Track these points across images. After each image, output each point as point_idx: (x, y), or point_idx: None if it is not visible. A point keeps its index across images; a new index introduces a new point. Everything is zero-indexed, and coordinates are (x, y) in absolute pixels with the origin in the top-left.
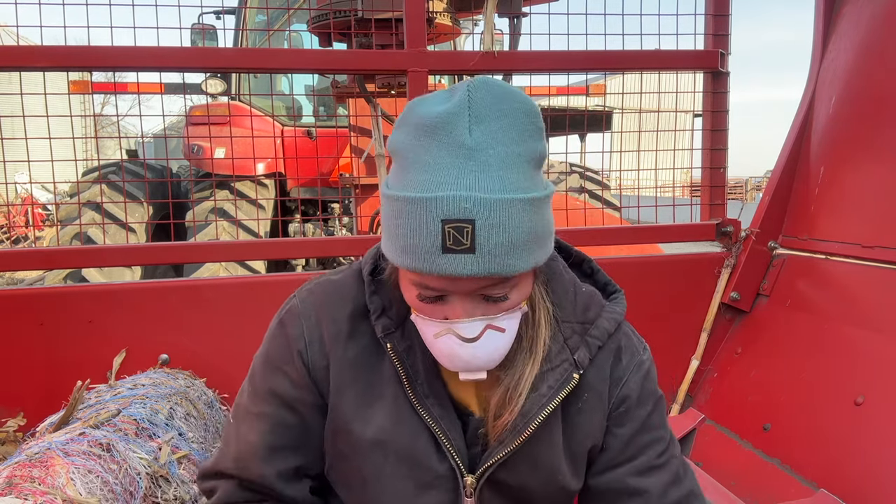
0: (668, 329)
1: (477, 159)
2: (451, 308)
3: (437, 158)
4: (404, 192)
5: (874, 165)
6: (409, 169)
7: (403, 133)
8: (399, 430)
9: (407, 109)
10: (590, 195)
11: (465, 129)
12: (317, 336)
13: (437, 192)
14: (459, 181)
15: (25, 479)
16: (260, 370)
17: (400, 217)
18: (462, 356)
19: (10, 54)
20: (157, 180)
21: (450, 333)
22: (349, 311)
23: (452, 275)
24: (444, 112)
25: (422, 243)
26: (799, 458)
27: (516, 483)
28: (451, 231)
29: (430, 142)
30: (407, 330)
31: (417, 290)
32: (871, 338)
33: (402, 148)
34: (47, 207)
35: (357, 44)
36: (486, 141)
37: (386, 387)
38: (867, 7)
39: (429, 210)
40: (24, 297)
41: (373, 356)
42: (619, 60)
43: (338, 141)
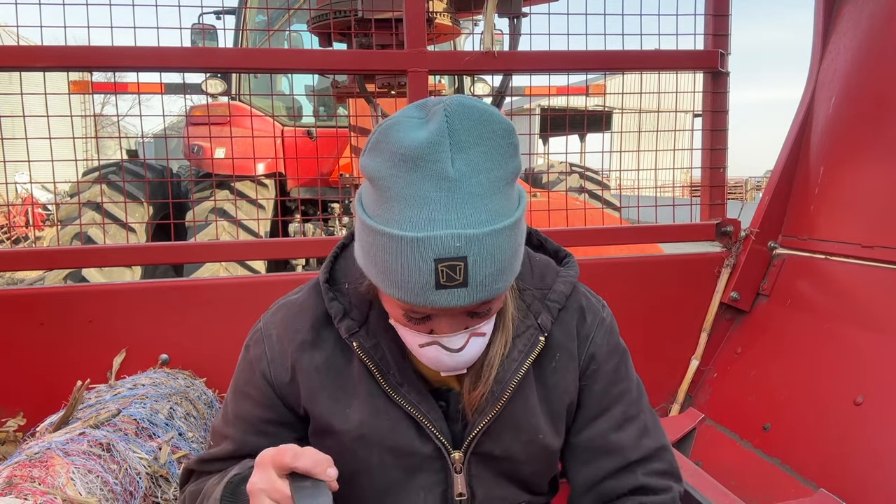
0: (668, 329)
1: (461, 191)
2: (438, 325)
3: (421, 192)
4: (392, 228)
5: (874, 165)
6: (392, 202)
7: (380, 160)
8: (378, 422)
9: (380, 133)
10: (590, 195)
11: (447, 160)
12: (278, 352)
13: (429, 231)
14: (448, 218)
15: (25, 478)
16: (231, 396)
17: (389, 254)
18: (447, 362)
19: (10, 54)
20: (157, 180)
21: (436, 345)
22: (310, 321)
23: (445, 307)
24: (423, 142)
25: (415, 280)
26: (799, 458)
27: (501, 452)
28: (444, 270)
29: (411, 174)
30: (370, 328)
31: (405, 312)
32: (871, 338)
33: (381, 177)
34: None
35: (357, 44)
36: (468, 170)
37: (358, 385)
38: (867, 7)
39: (422, 250)
40: (24, 297)
41: (340, 360)
42: (619, 60)
43: (338, 141)
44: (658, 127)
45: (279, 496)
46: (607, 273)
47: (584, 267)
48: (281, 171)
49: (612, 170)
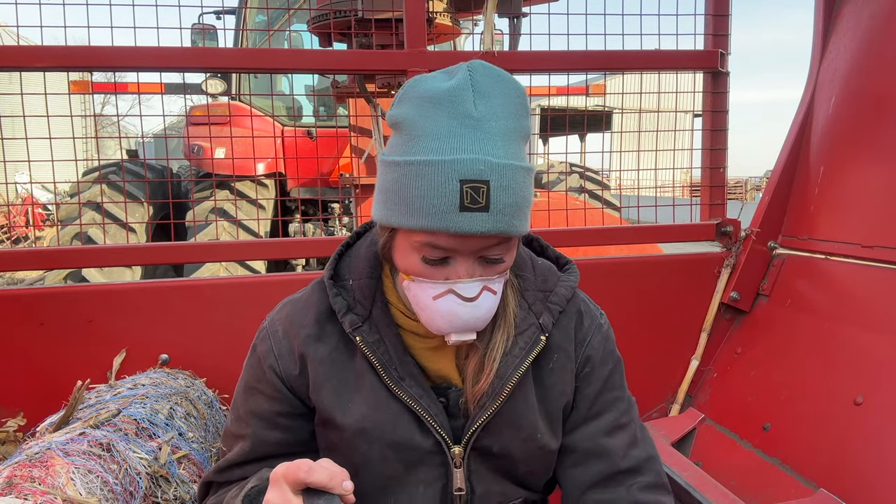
0: (668, 329)
1: (483, 129)
2: (454, 269)
3: (448, 127)
4: (420, 156)
5: (874, 165)
6: (419, 137)
7: (407, 106)
8: (379, 416)
9: (408, 87)
10: (590, 195)
11: (470, 103)
12: (286, 347)
13: (455, 155)
14: (472, 146)
15: (25, 478)
16: (240, 397)
17: (417, 179)
18: (461, 315)
19: (10, 54)
20: (157, 180)
21: (451, 294)
22: (314, 316)
23: (469, 232)
24: (449, 87)
25: (440, 202)
26: (799, 458)
27: (500, 449)
28: (468, 190)
29: (438, 113)
30: (374, 323)
31: (422, 253)
32: (871, 338)
33: (408, 119)
34: (47, 207)
35: (357, 44)
36: (489, 113)
37: (361, 379)
38: (867, 7)
39: (448, 171)
40: (24, 297)
41: (343, 354)
42: (619, 60)
43: (338, 141)
44: (658, 127)
45: None
46: (607, 273)
47: (584, 267)
48: (281, 171)
49: (612, 170)
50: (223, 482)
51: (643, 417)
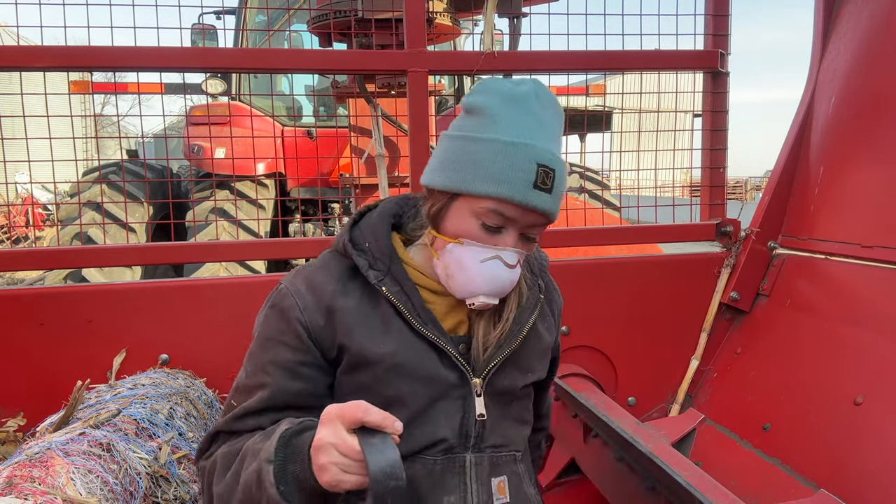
0: (668, 329)
1: (546, 129)
2: (503, 238)
3: (524, 119)
4: (504, 136)
5: (874, 165)
6: (500, 122)
7: (488, 97)
8: (410, 354)
9: (485, 83)
10: (590, 195)
11: (537, 107)
12: (311, 301)
13: (534, 142)
14: (543, 139)
15: (26, 478)
16: (258, 349)
17: (499, 155)
18: (502, 278)
19: (11, 54)
20: (157, 180)
21: (497, 259)
22: (335, 276)
23: (536, 206)
24: (524, 91)
25: (519, 177)
26: (799, 458)
27: (506, 386)
28: (542, 173)
29: (517, 107)
30: (394, 277)
31: (483, 219)
32: (871, 338)
33: (489, 106)
34: (47, 207)
35: (357, 44)
36: (547, 119)
37: (388, 323)
38: (867, 7)
39: (529, 153)
40: (24, 297)
41: (368, 305)
42: (619, 60)
43: (338, 141)
44: (658, 127)
45: (347, 449)
46: (607, 273)
47: (584, 267)
48: (281, 171)
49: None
50: (233, 431)
51: (643, 418)
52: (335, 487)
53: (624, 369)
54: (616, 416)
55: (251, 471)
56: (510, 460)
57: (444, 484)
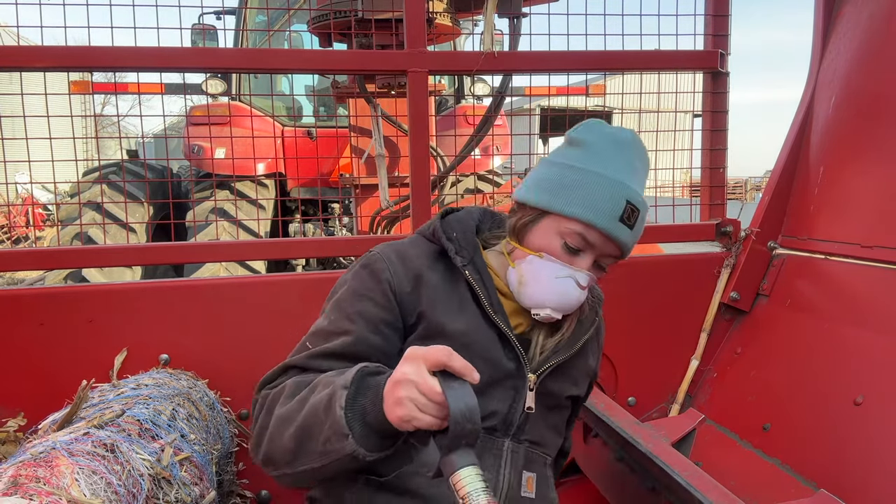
0: (668, 329)
1: (637, 176)
2: (580, 260)
3: (622, 162)
4: (600, 170)
5: (874, 165)
6: (602, 159)
7: (592, 134)
8: (480, 335)
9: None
10: None
11: (634, 155)
12: (401, 268)
13: (628, 182)
14: (635, 183)
15: (31, 478)
16: (347, 299)
17: (591, 184)
18: (571, 295)
19: (11, 54)
20: (157, 180)
21: (571, 279)
22: (423, 255)
23: (617, 237)
24: (625, 137)
25: (609, 208)
26: (799, 458)
27: (554, 390)
28: (629, 209)
29: (618, 150)
30: (475, 266)
31: (566, 239)
32: (871, 338)
33: (594, 143)
34: (48, 207)
35: (357, 44)
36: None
37: (464, 304)
38: (867, 7)
39: (622, 190)
40: (24, 297)
41: (449, 284)
42: (619, 60)
43: (338, 141)
44: (658, 127)
45: (427, 389)
46: (607, 273)
47: None
48: (281, 171)
49: None
50: (308, 368)
51: (643, 418)
52: (405, 423)
53: (624, 369)
54: (616, 416)
55: (323, 395)
56: (542, 461)
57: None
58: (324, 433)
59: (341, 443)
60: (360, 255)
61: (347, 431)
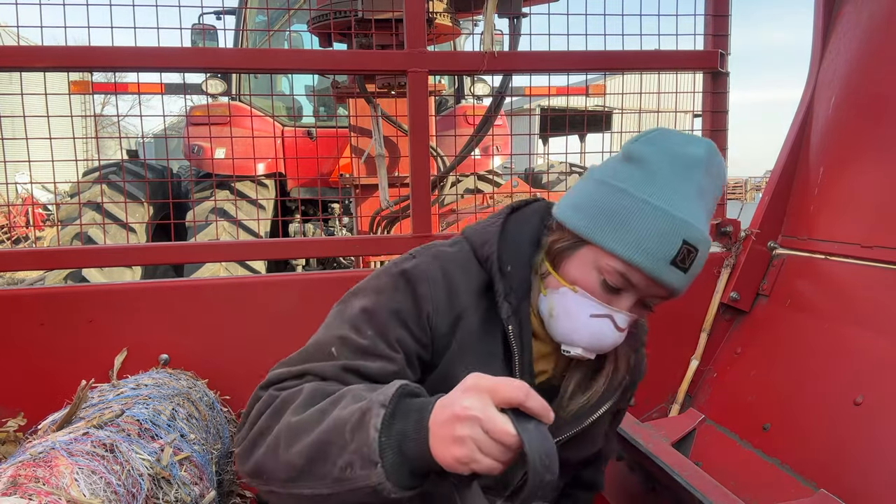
0: (667, 329)
1: (703, 201)
2: (620, 300)
3: (685, 188)
4: (657, 200)
5: (874, 165)
6: (660, 185)
7: (658, 151)
8: None
9: (659, 134)
10: None
11: (704, 176)
12: (445, 304)
13: (687, 217)
14: (697, 216)
15: (30, 478)
16: (386, 319)
17: (644, 218)
18: (608, 339)
19: (11, 54)
20: (157, 180)
21: (608, 319)
22: (473, 286)
23: (667, 283)
24: (695, 155)
25: (660, 249)
26: (799, 458)
27: (569, 457)
28: (684, 251)
29: (682, 172)
30: (520, 317)
31: (606, 276)
32: (871, 338)
33: (656, 162)
34: (48, 207)
35: (357, 44)
36: (709, 192)
37: (492, 359)
38: (867, 7)
39: (679, 227)
40: (24, 297)
41: (485, 331)
42: (619, 60)
43: (338, 141)
44: (658, 127)
45: (498, 430)
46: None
47: None
48: (281, 171)
49: None
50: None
51: (643, 418)
52: (462, 466)
53: None
54: None
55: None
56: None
57: None
58: (345, 456)
59: (367, 470)
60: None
61: (378, 459)
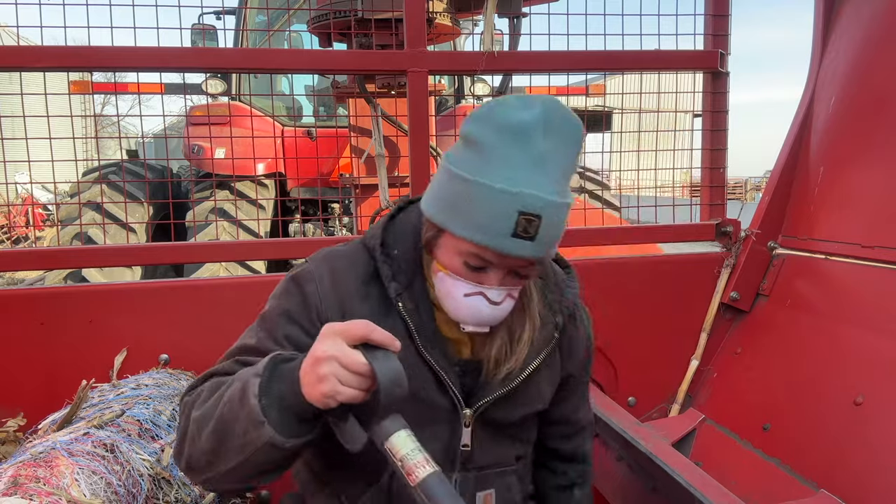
0: (668, 329)
1: (546, 166)
2: (487, 277)
3: (517, 160)
4: (488, 181)
5: (874, 165)
6: (491, 162)
7: (485, 128)
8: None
9: (488, 108)
10: (590, 195)
11: (541, 138)
12: (332, 297)
13: (520, 188)
14: (535, 182)
15: (31, 478)
16: (276, 319)
17: (481, 201)
18: (485, 314)
19: (11, 54)
20: (157, 180)
21: (480, 295)
22: (360, 276)
23: (514, 255)
24: (526, 120)
25: (497, 226)
26: (799, 458)
27: (503, 418)
28: (523, 221)
29: (511, 143)
30: (413, 293)
31: (465, 259)
32: (871, 338)
33: (484, 141)
34: (48, 207)
35: (357, 44)
36: (553, 150)
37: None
38: (867, 7)
39: (510, 202)
40: (24, 297)
41: (379, 316)
42: (619, 60)
43: (338, 141)
44: (658, 127)
45: (350, 362)
46: (607, 273)
47: (584, 267)
48: (281, 171)
49: (612, 170)
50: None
51: (643, 418)
52: (329, 399)
53: (624, 369)
54: (616, 417)
55: (236, 387)
56: (501, 475)
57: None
58: (240, 425)
59: (258, 431)
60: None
61: (262, 418)
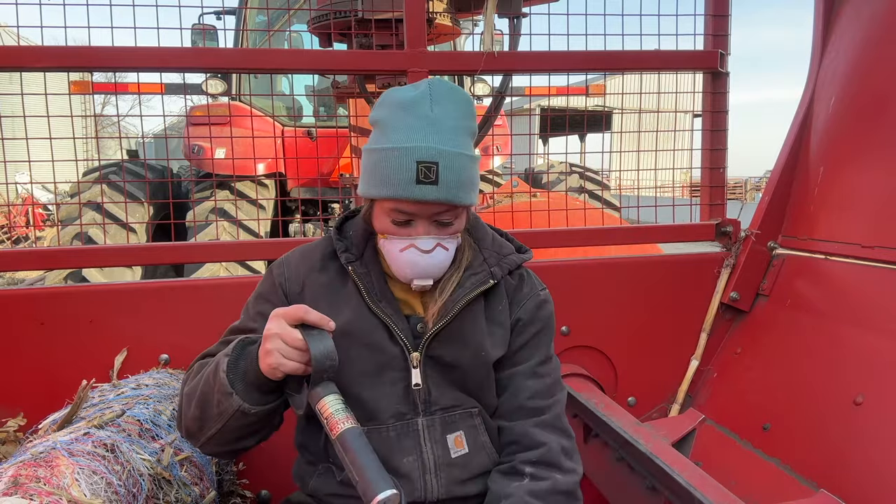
0: (668, 329)
1: (436, 126)
2: (415, 229)
3: (410, 124)
4: (388, 144)
5: (874, 165)
6: (390, 132)
7: (384, 109)
8: (361, 324)
9: (385, 95)
10: (589, 195)
11: (428, 107)
12: (294, 273)
13: (414, 143)
14: (427, 137)
15: (31, 478)
16: (252, 302)
17: (385, 161)
18: (420, 263)
19: (11, 54)
20: (157, 180)
21: (412, 247)
22: (320, 254)
23: (422, 199)
24: (414, 95)
25: (402, 177)
26: (799, 458)
27: (450, 359)
28: (423, 168)
29: (405, 114)
30: (364, 261)
31: (391, 217)
32: (871, 338)
33: (383, 118)
34: (48, 207)
35: (357, 44)
36: (442, 115)
37: (350, 299)
38: (866, 7)
39: (408, 154)
40: (24, 297)
41: (338, 283)
42: (619, 60)
43: (338, 141)
44: (658, 127)
45: (290, 338)
46: (607, 273)
47: (584, 267)
48: (281, 171)
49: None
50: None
51: (643, 418)
52: (275, 369)
53: (624, 369)
54: (616, 416)
55: (212, 366)
56: (465, 416)
57: (402, 447)
58: (216, 396)
59: (229, 401)
60: None
61: (230, 390)
